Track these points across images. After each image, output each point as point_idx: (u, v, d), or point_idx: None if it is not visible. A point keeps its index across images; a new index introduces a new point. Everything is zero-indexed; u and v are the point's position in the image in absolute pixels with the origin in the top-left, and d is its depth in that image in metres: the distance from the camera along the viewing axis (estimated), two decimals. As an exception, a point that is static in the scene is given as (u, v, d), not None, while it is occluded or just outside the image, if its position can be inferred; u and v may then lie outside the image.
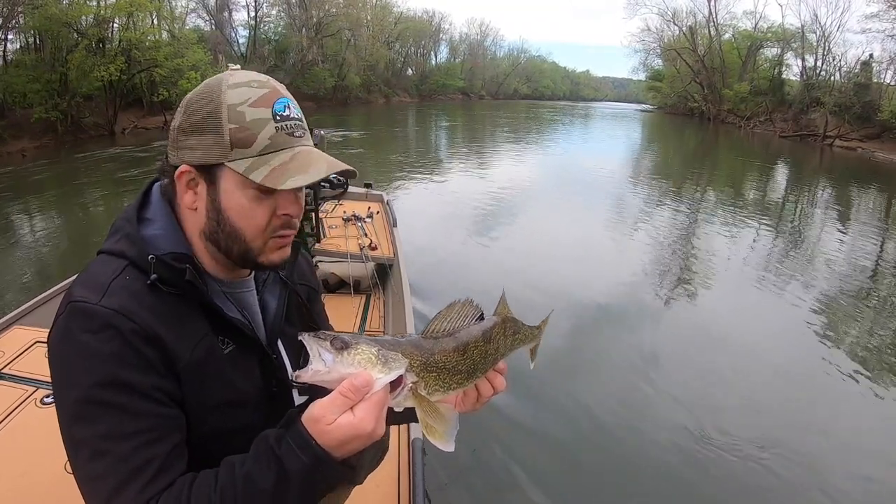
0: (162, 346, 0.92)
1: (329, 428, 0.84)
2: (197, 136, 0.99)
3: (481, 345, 1.00)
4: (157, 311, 0.94)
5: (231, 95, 0.98)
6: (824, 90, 34.40)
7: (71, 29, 21.57)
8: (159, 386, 0.92)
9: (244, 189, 0.99)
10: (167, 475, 0.89)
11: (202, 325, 1.01)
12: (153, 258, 0.96)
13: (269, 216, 1.02)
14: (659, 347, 5.69)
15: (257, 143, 0.98)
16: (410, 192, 13.19)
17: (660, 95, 57.76)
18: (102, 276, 0.96)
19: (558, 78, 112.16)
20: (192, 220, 1.05)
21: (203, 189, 1.01)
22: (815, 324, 6.46)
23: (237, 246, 1.03)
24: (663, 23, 50.00)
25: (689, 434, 4.26)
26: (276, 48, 44.80)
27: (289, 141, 1.00)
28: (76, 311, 0.91)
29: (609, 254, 9.02)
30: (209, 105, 0.98)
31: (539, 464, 3.85)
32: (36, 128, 19.84)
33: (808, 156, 27.79)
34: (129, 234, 1.01)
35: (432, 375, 0.92)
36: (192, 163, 1.00)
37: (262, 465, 0.86)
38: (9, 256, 8.53)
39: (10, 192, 12.75)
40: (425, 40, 70.59)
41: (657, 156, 26.29)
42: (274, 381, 1.11)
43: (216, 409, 0.99)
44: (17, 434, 2.43)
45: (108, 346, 0.88)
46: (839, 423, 4.57)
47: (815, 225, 12.46)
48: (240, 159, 0.97)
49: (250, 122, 0.97)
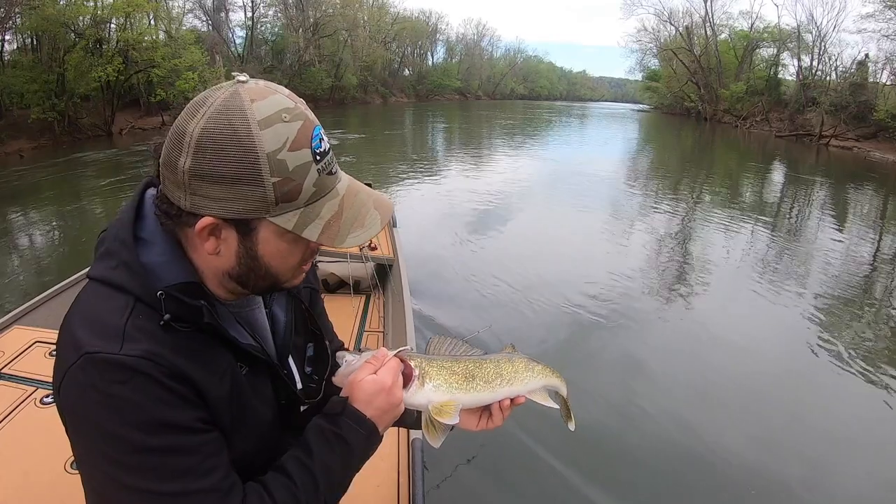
0: (192, 383, 0.90)
1: (359, 385, 1.04)
2: (225, 186, 0.86)
3: (476, 360, 1.17)
4: (180, 350, 0.90)
5: (266, 139, 0.85)
6: (820, 90, 34.34)
7: (68, 29, 21.54)
8: (199, 417, 0.91)
9: (283, 235, 0.92)
10: (237, 493, 0.92)
11: (224, 356, 0.97)
12: (162, 295, 0.89)
13: (303, 253, 0.99)
14: (655, 348, 5.68)
15: (303, 194, 0.89)
16: (409, 193, 13.15)
17: (656, 95, 57.62)
18: (112, 320, 0.88)
19: (555, 78, 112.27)
20: (209, 262, 0.96)
21: (232, 238, 0.92)
22: (814, 323, 6.45)
23: (266, 282, 0.98)
24: (660, 23, 49.99)
25: (686, 434, 4.25)
26: (273, 49, 44.89)
27: (330, 182, 0.94)
28: (97, 364, 0.84)
29: (605, 253, 8.96)
30: (240, 151, 0.84)
31: (539, 463, 3.84)
32: (33, 128, 19.79)
33: (805, 155, 27.70)
34: (128, 264, 0.91)
35: (433, 369, 1.12)
36: (221, 216, 0.88)
37: (330, 448, 1.02)
38: (6, 257, 8.52)
39: (7, 193, 12.72)
40: (422, 40, 70.63)
41: (653, 156, 26.21)
42: (284, 395, 1.11)
43: (238, 432, 0.99)
44: (17, 434, 2.43)
45: (144, 392, 0.85)
46: (840, 422, 4.57)
47: (811, 225, 12.42)
48: (285, 213, 0.89)
49: (294, 170, 0.87)
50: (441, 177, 15.60)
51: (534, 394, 1.25)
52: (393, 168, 16.59)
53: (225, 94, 0.85)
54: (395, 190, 13.12)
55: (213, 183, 0.85)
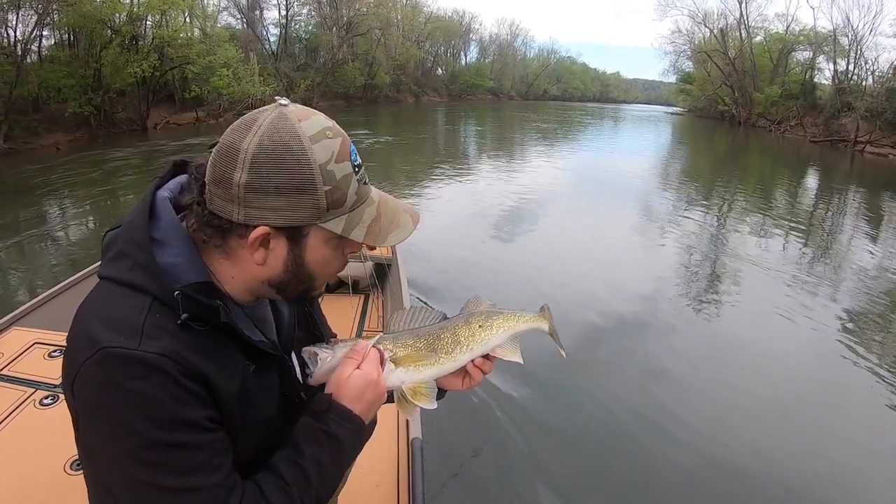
0: (206, 381, 0.93)
1: (347, 382, 1.04)
2: (283, 197, 0.93)
3: (435, 331, 1.16)
4: (196, 349, 0.93)
5: (318, 153, 0.94)
6: (856, 95, 33.32)
7: (105, 26, 21.90)
8: (210, 416, 0.94)
9: (328, 241, 1.00)
10: (238, 492, 0.94)
11: (236, 355, 1.01)
12: (179, 295, 0.92)
13: (340, 260, 1.07)
14: (681, 352, 5.58)
15: (348, 201, 0.98)
16: (438, 192, 13.17)
17: (690, 98, 56.77)
18: (130, 316, 0.91)
19: (588, 79, 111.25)
20: (253, 273, 1.02)
21: (281, 247, 0.99)
22: (847, 335, 6.21)
23: (303, 288, 1.05)
24: (694, 25, 49.21)
25: (710, 443, 4.11)
26: (307, 47, 45.13)
27: (367, 191, 1.04)
28: (115, 359, 0.87)
29: (633, 257, 8.86)
30: (296, 164, 0.92)
31: (542, 464, 3.79)
32: (70, 122, 20.18)
33: (839, 162, 27.17)
34: (145, 265, 0.94)
35: (398, 346, 1.12)
36: (275, 225, 0.95)
37: (319, 445, 1.02)
38: (41, 247, 8.66)
39: (44, 184, 12.92)
40: (455, 40, 70.75)
41: (686, 160, 25.85)
42: (290, 388, 1.15)
43: (246, 428, 1.01)
44: (16, 435, 2.42)
45: (162, 389, 0.87)
46: (874, 437, 4.39)
47: (844, 234, 12.11)
48: (334, 219, 0.98)
49: (340, 179, 0.96)
50: (469, 179, 15.44)
51: (498, 350, 1.22)
52: (423, 170, 16.47)
53: (273, 115, 0.93)
54: (423, 191, 13.09)
55: (270, 194, 0.93)
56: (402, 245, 5.29)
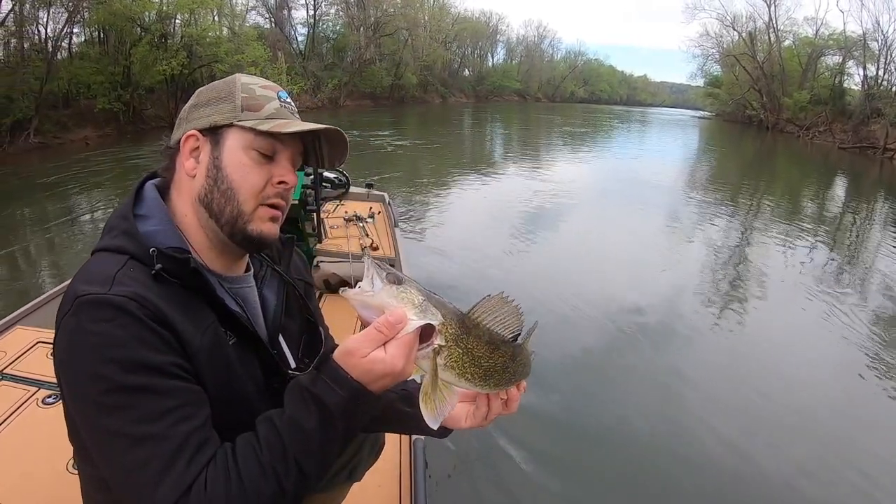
0: (174, 329, 0.93)
1: (363, 361, 0.89)
2: (210, 106, 1.10)
3: (507, 358, 0.99)
4: (166, 299, 0.95)
5: (243, 78, 1.13)
6: (885, 101, 32.46)
7: (134, 24, 22.09)
8: (180, 364, 0.93)
9: (247, 150, 1.07)
10: (209, 448, 0.90)
11: (208, 313, 1.03)
12: (154, 251, 0.98)
13: (265, 180, 1.09)
14: (700, 361, 5.46)
15: (264, 110, 1.09)
16: (461, 194, 13.11)
17: (717, 102, 55.95)
18: (106, 270, 0.95)
19: (615, 82, 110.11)
20: (188, 191, 1.10)
21: (206, 153, 1.09)
22: (872, 347, 6.00)
23: (229, 206, 1.06)
24: (722, 28, 48.47)
25: (730, 455, 3.95)
26: (335, 46, 45.26)
27: (290, 116, 1.13)
28: (86, 304, 0.90)
29: (657, 262, 8.60)
30: (223, 84, 1.13)
31: (546, 467, 3.70)
32: (99, 117, 20.34)
33: (868, 169, 26.51)
34: (127, 231, 1.02)
35: (457, 352, 0.92)
36: (200, 127, 1.09)
37: (302, 407, 0.92)
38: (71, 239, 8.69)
39: (72, 178, 13.03)
40: (482, 41, 70.65)
41: (713, 165, 25.38)
42: (276, 377, 1.12)
43: (220, 400, 0.98)
44: (19, 434, 2.43)
45: (126, 330, 0.88)
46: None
47: (871, 244, 11.72)
48: (248, 120, 1.08)
49: (259, 95, 1.11)
50: (493, 181, 15.26)
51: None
52: (448, 173, 16.30)
53: None
54: (446, 192, 13.00)
55: (202, 107, 1.11)
56: (415, 245, 5.28)
